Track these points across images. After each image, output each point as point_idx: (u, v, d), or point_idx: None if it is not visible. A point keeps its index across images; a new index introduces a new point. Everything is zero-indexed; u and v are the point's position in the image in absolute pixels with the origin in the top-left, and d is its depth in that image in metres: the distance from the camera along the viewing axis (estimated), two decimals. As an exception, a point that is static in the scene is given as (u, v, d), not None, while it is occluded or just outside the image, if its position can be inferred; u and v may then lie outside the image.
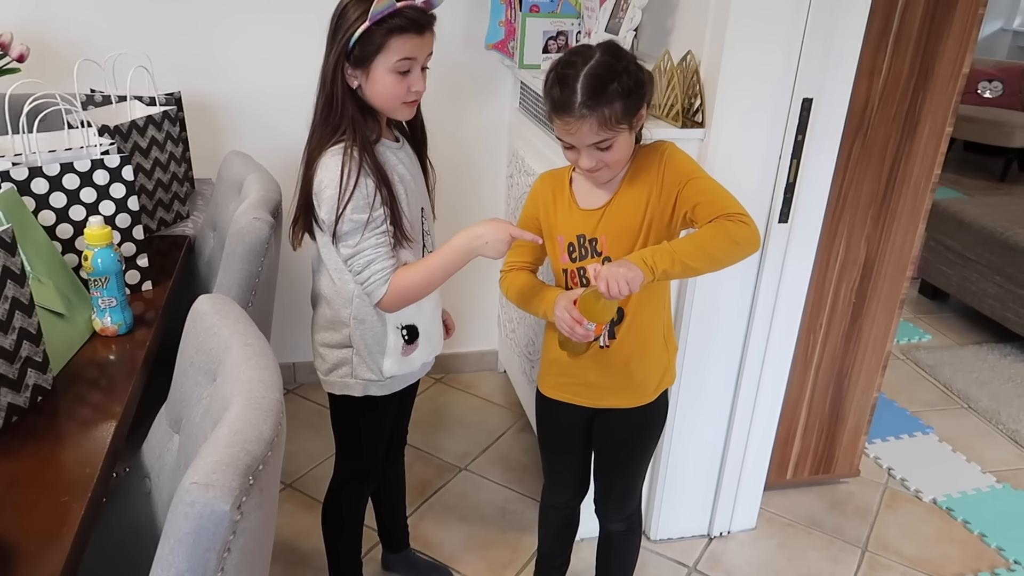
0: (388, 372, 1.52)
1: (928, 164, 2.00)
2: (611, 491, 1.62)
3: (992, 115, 5.62)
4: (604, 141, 1.29)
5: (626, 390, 1.48)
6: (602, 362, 1.46)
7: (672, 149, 1.38)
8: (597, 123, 1.27)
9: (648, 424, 1.55)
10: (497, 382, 2.85)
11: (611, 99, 1.26)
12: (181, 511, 0.75)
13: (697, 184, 1.33)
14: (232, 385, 0.93)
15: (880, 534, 2.23)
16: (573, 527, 1.76)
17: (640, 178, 1.36)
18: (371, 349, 1.50)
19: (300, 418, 2.58)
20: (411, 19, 1.31)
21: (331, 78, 1.35)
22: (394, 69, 1.33)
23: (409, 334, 1.51)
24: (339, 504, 1.72)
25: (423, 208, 1.51)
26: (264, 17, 2.28)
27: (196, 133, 2.20)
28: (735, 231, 1.28)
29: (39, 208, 1.43)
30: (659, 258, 1.27)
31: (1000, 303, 3.28)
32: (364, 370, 1.52)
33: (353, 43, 1.31)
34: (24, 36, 2.01)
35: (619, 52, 1.30)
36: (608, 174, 1.36)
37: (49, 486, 1.01)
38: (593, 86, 1.25)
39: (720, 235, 1.28)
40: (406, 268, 1.42)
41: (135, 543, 1.17)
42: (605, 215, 1.38)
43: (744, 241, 1.29)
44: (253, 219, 1.46)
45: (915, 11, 1.83)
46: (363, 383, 1.53)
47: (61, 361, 1.30)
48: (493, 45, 2.41)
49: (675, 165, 1.35)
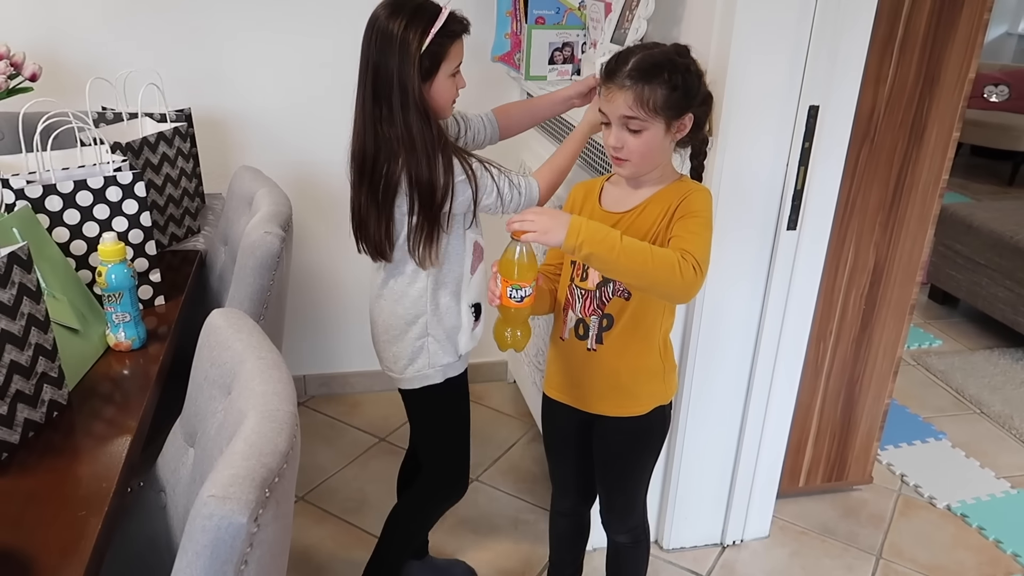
0: (463, 348, 1.61)
1: (936, 169, 2.00)
2: (611, 503, 1.62)
3: (999, 119, 5.61)
4: (634, 121, 1.29)
5: (615, 398, 1.47)
6: (590, 365, 1.46)
7: (700, 192, 1.37)
8: (633, 97, 1.28)
9: (642, 438, 1.53)
10: (507, 393, 2.85)
11: (656, 83, 1.27)
12: (199, 524, 0.75)
13: (689, 222, 1.31)
14: (247, 398, 0.93)
15: (894, 541, 2.21)
16: (582, 535, 1.75)
17: (662, 203, 1.36)
18: (449, 332, 1.58)
19: (311, 431, 2.58)
20: (461, 22, 1.47)
21: (405, 95, 1.40)
22: (452, 72, 1.47)
23: (476, 311, 1.60)
24: (422, 515, 1.75)
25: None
26: (273, 34, 2.30)
27: (206, 149, 2.21)
28: (679, 270, 1.23)
29: (53, 225, 1.45)
30: (595, 237, 1.22)
31: (1011, 307, 3.27)
32: (440, 355, 1.59)
33: (424, 54, 1.40)
34: (36, 56, 2.04)
35: (686, 53, 1.34)
36: (630, 168, 1.35)
37: (66, 501, 1.02)
38: (645, 65, 1.28)
39: (664, 264, 1.23)
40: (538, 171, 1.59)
41: (151, 557, 1.18)
42: (621, 221, 1.38)
43: (678, 284, 1.24)
44: (264, 233, 1.47)
45: (920, 17, 1.84)
46: (442, 368, 1.60)
47: (76, 376, 1.31)
48: (499, 57, 2.42)
49: (688, 200, 1.34)
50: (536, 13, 2.24)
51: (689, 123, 1.34)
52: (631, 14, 1.86)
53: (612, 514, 1.63)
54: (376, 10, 1.43)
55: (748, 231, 1.81)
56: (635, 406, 1.48)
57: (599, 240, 1.22)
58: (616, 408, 1.48)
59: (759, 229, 1.81)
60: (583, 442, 1.57)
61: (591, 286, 1.42)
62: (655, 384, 1.49)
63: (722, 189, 1.72)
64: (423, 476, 1.74)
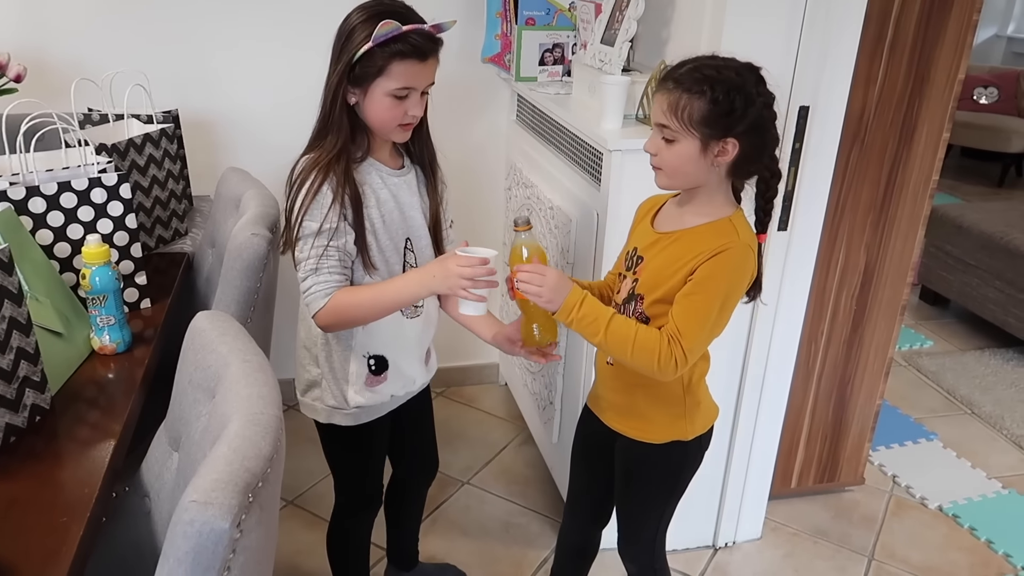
0: (353, 402, 1.48)
1: (926, 170, 2.00)
2: (619, 526, 1.58)
3: (989, 121, 5.64)
4: (666, 130, 1.23)
5: (631, 418, 1.43)
6: (610, 379, 1.44)
7: (734, 252, 1.24)
8: (669, 103, 1.21)
9: (656, 466, 1.45)
10: (499, 395, 2.84)
11: (698, 94, 1.18)
12: (180, 530, 0.74)
13: (699, 297, 1.24)
14: (231, 402, 0.92)
15: (886, 542, 2.21)
16: (587, 557, 1.71)
17: (697, 244, 1.26)
18: (336, 375, 1.47)
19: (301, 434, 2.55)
20: (414, 45, 1.29)
21: (331, 94, 1.35)
22: (392, 94, 1.31)
23: (377, 365, 1.47)
24: (341, 533, 1.71)
25: (409, 240, 1.46)
26: (260, 34, 2.29)
27: (194, 150, 2.20)
28: (657, 362, 1.23)
29: (37, 227, 1.43)
30: (583, 322, 1.25)
31: (1001, 308, 3.28)
32: (329, 396, 1.49)
33: (355, 62, 1.31)
34: (21, 56, 2.02)
35: (748, 74, 1.21)
36: (663, 178, 1.28)
37: (48, 506, 1.01)
38: (695, 75, 1.20)
39: (644, 353, 1.24)
40: (354, 288, 1.37)
41: (135, 562, 1.16)
42: (659, 241, 1.32)
43: (654, 372, 1.25)
44: (251, 235, 1.45)
45: (910, 19, 1.84)
46: (328, 410, 1.50)
47: (59, 380, 1.29)
48: (490, 58, 2.41)
49: (716, 261, 1.23)
50: (526, 14, 2.24)
51: (732, 150, 1.22)
52: (621, 15, 1.85)
53: (621, 539, 1.59)
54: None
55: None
56: (650, 432, 1.42)
57: (587, 324, 1.26)
58: (631, 428, 1.43)
59: (750, 230, 1.80)
60: (605, 456, 1.52)
61: (619, 299, 1.39)
62: (673, 416, 1.41)
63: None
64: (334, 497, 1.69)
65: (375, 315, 1.37)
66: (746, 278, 1.28)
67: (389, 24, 1.26)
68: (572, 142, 1.96)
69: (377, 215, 1.40)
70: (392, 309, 1.38)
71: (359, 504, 1.67)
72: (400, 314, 1.45)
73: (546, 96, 2.14)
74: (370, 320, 1.39)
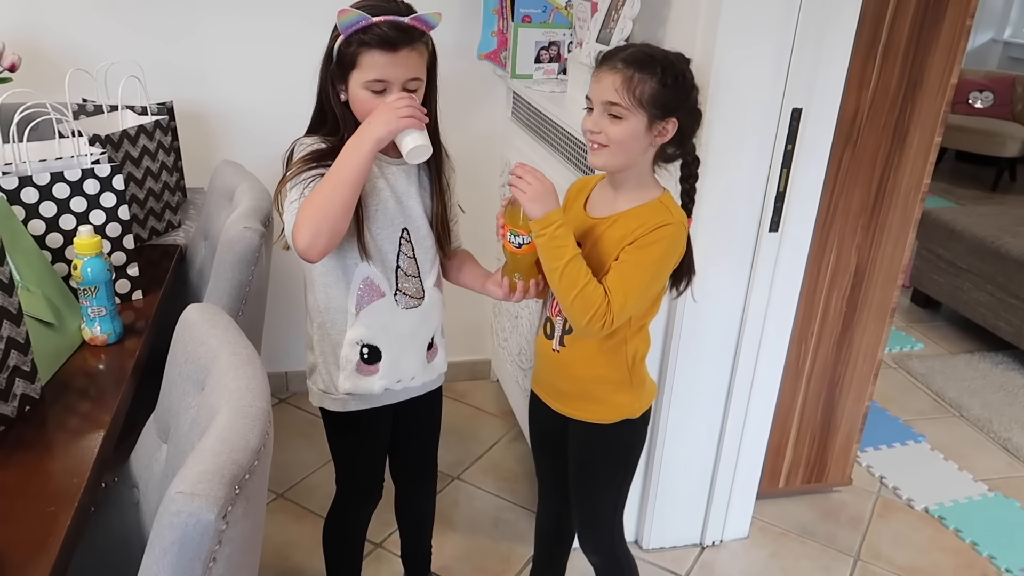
0: (342, 388, 1.47)
1: (918, 174, 2.02)
2: (578, 514, 1.59)
3: (983, 125, 5.66)
4: (616, 107, 1.26)
5: (580, 401, 1.46)
6: (557, 366, 1.46)
7: (672, 228, 1.30)
8: (621, 80, 1.25)
9: (607, 447, 1.49)
10: (490, 391, 2.85)
11: (648, 74, 1.25)
12: (166, 520, 0.75)
13: (637, 255, 1.30)
14: (219, 394, 0.93)
15: (872, 543, 2.23)
16: (562, 540, 1.74)
17: (633, 222, 1.32)
18: (327, 359, 1.48)
19: (292, 428, 2.57)
20: (380, 35, 1.26)
21: (320, 88, 1.36)
22: (367, 87, 1.29)
23: (370, 354, 1.46)
24: (336, 524, 1.71)
25: (406, 230, 1.44)
26: (256, 27, 2.29)
27: (188, 142, 2.20)
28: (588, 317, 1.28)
29: (29, 217, 1.43)
30: (553, 243, 1.27)
31: (992, 312, 3.30)
32: (320, 380, 1.50)
33: (335, 57, 1.31)
34: (16, 46, 2.01)
35: (686, 62, 1.31)
36: (604, 156, 1.31)
37: (36, 496, 1.01)
38: (640, 57, 1.27)
39: (582, 305, 1.27)
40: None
41: (123, 553, 1.17)
42: (596, 227, 1.37)
43: (580, 324, 1.30)
44: (244, 228, 1.46)
45: (903, 23, 1.85)
46: (319, 393, 1.51)
47: (50, 371, 1.29)
48: (486, 55, 2.42)
49: (656, 233, 1.29)
50: (523, 11, 2.24)
51: (672, 129, 1.29)
52: (617, 13, 1.86)
53: (581, 528, 1.61)
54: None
55: (730, 232, 1.81)
56: (601, 413, 1.45)
57: (555, 247, 1.28)
58: (582, 412, 1.46)
59: (741, 230, 1.81)
60: (560, 441, 1.56)
61: None
62: (621, 396, 1.45)
63: (704, 190, 1.71)
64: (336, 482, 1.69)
65: (337, 195, 1.26)
66: (676, 255, 1.35)
67: (347, 13, 1.26)
68: (566, 139, 1.97)
69: (373, 203, 1.39)
70: (350, 179, 1.26)
71: (352, 495, 1.67)
72: (395, 304, 1.44)
73: (541, 94, 2.15)
74: (340, 206, 1.26)
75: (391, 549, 2.05)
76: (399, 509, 1.80)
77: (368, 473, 1.64)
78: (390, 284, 1.43)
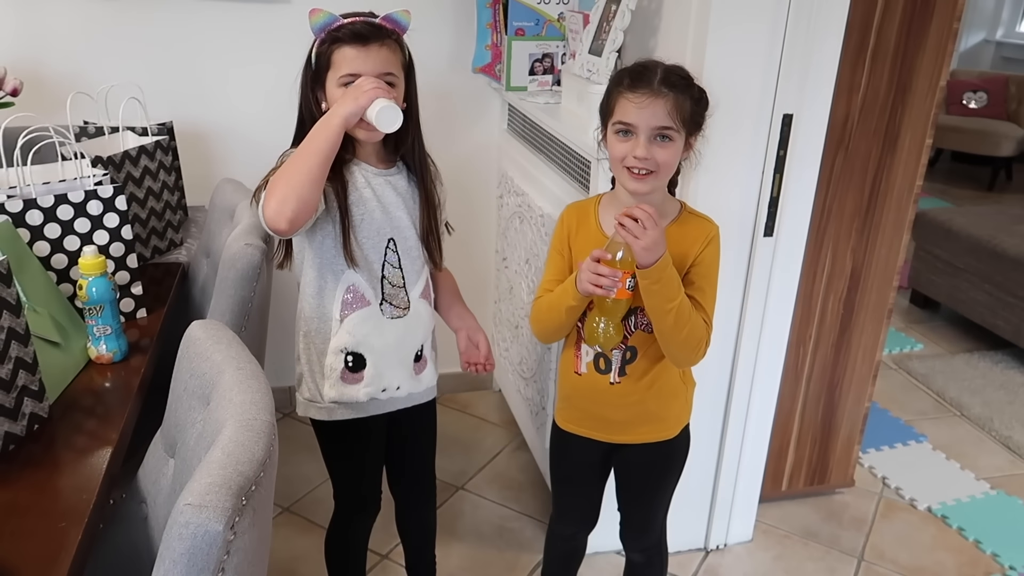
0: (327, 396, 1.48)
1: (910, 176, 2.04)
2: (631, 522, 1.61)
3: (978, 125, 5.69)
4: (668, 131, 1.27)
5: (645, 425, 1.47)
6: (614, 398, 1.45)
7: (717, 237, 1.40)
8: (672, 105, 1.26)
9: (671, 458, 1.54)
10: (492, 401, 2.86)
11: (687, 94, 1.28)
12: (176, 532, 0.76)
13: (708, 289, 1.38)
14: (225, 408, 0.94)
15: (876, 543, 2.24)
16: (577, 557, 1.75)
17: (684, 242, 1.34)
18: (312, 367, 1.49)
19: (297, 442, 2.58)
20: (352, 31, 1.31)
21: (302, 98, 1.39)
22: (340, 83, 1.32)
23: (355, 362, 1.46)
24: (338, 537, 1.71)
25: (392, 240, 1.45)
26: (255, 46, 2.31)
27: (189, 161, 2.22)
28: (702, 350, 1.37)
29: (34, 239, 1.45)
30: (673, 280, 1.29)
31: (990, 311, 3.31)
32: (307, 390, 1.52)
33: (314, 64, 1.35)
34: (18, 71, 2.04)
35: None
36: (653, 182, 1.30)
37: (46, 513, 1.03)
38: (675, 78, 1.28)
39: (693, 340, 1.34)
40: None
41: (133, 568, 1.18)
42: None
43: (689, 360, 1.41)
44: (245, 245, 1.48)
45: (891, 27, 1.87)
46: (304, 402, 1.53)
47: (57, 389, 1.31)
48: (480, 68, 2.44)
49: (712, 248, 1.38)
50: (516, 25, 2.27)
51: (695, 142, 1.33)
52: (608, 25, 1.88)
53: (631, 532, 1.62)
54: None
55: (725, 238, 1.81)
56: (664, 430, 1.49)
57: (672, 287, 1.29)
58: (647, 435, 1.48)
59: (736, 236, 1.83)
60: (600, 472, 1.56)
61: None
62: (680, 404, 1.49)
63: (699, 197, 1.74)
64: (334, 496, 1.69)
65: (303, 163, 1.24)
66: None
67: (317, 13, 1.30)
68: (561, 151, 1.99)
69: (358, 212, 1.40)
70: (316, 149, 1.24)
71: (349, 506, 1.67)
72: (380, 313, 1.45)
73: (536, 105, 2.17)
74: (306, 173, 1.24)
75: (396, 560, 2.06)
76: (400, 522, 1.80)
77: (361, 483, 1.64)
78: (376, 293, 1.45)
